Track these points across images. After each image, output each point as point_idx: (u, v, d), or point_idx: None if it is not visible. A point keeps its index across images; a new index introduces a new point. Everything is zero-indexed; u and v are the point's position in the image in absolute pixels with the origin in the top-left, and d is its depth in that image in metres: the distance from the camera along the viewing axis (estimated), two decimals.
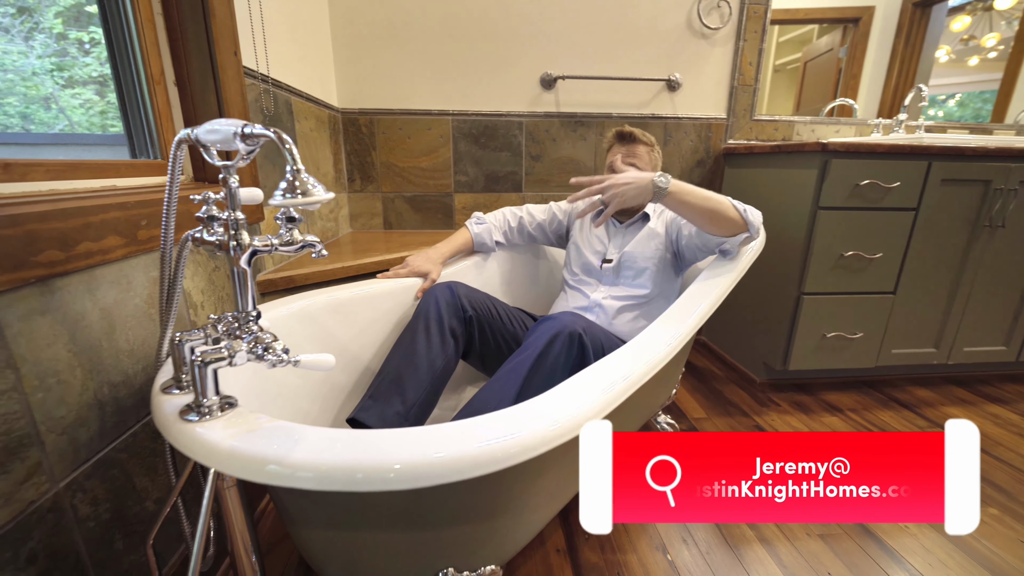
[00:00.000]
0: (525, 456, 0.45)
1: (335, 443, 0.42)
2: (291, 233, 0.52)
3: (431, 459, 0.41)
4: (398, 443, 0.43)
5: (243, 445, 0.40)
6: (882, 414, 1.39)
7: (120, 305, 0.61)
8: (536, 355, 0.79)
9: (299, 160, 0.43)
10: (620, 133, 1.13)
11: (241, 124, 0.44)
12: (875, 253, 1.36)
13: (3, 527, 0.46)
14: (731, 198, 0.99)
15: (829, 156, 1.27)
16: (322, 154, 1.39)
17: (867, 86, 1.90)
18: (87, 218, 0.54)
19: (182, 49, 0.83)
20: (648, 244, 1.12)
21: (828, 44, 1.97)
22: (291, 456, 0.39)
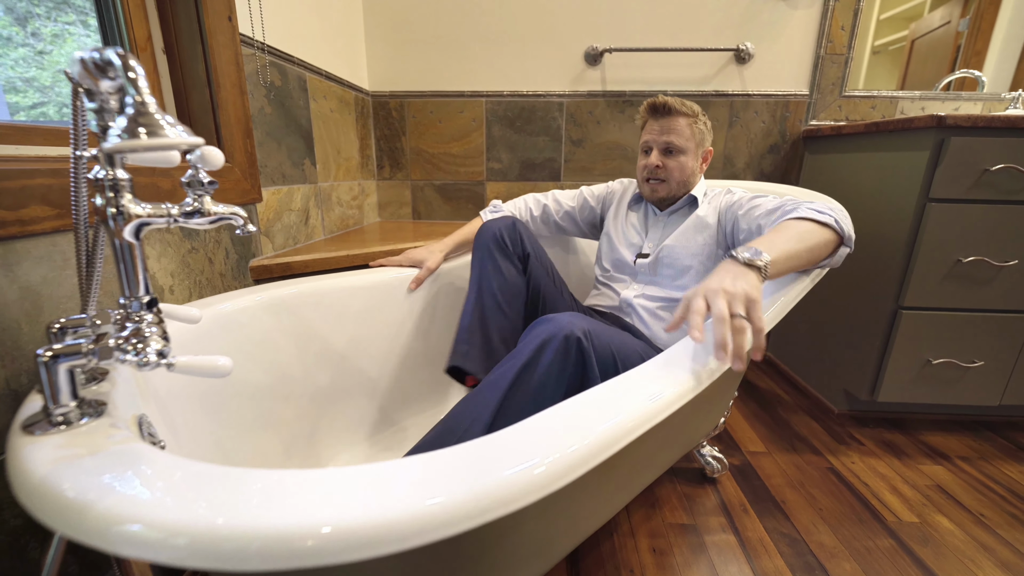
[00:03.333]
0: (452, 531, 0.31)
1: (196, 489, 0.30)
2: (201, 200, 0.41)
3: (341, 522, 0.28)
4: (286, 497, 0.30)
5: (60, 478, 0.30)
6: (1007, 467, 1.08)
7: (50, 284, 0.54)
8: (520, 365, 0.63)
9: (146, 91, 0.31)
10: (653, 105, 0.92)
11: (91, 49, 0.33)
12: (1008, 260, 1.05)
13: None
14: (812, 207, 0.73)
15: (946, 133, 0.99)
16: (345, 137, 1.33)
17: (995, 61, 1.53)
18: (1, 183, 0.47)
19: (170, 12, 0.77)
20: (694, 237, 0.93)
21: (944, 17, 1.62)
22: (116, 507, 0.28)
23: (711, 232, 0.92)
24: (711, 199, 0.96)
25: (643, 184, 0.98)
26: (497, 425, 0.59)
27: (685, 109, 0.91)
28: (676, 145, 0.91)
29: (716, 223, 0.92)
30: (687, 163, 0.93)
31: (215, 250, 0.81)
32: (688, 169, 0.93)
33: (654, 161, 0.93)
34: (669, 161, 0.93)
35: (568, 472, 0.37)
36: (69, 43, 0.94)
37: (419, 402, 1.00)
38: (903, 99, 1.43)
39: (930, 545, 0.85)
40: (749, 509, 0.93)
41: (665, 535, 0.86)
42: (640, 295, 0.95)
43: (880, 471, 1.06)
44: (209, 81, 0.80)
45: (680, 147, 0.91)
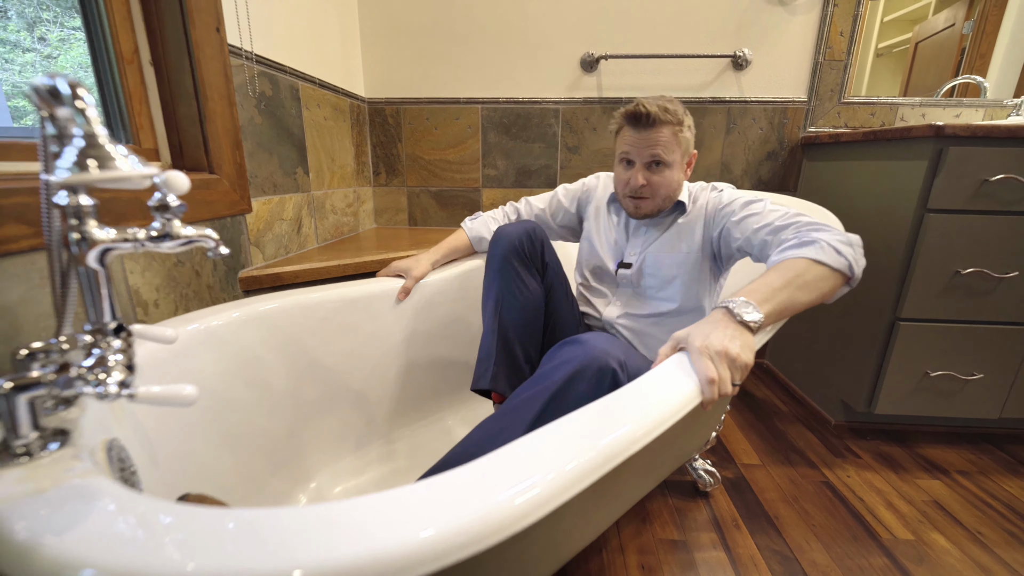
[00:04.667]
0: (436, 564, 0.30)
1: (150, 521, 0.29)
2: (169, 224, 0.41)
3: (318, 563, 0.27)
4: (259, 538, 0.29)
5: (7, 516, 0.29)
6: (1007, 482, 1.06)
7: (28, 303, 0.54)
8: (550, 395, 0.60)
9: (96, 122, 0.31)
10: (635, 115, 0.80)
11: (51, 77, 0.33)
12: (1008, 271, 1.03)
13: None
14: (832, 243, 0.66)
15: (945, 143, 0.98)
16: (340, 145, 1.32)
17: (999, 65, 1.50)
18: None
19: (157, 24, 0.77)
20: (679, 245, 0.88)
21: (948, 19, 1.59)
22: (52, 546, 0.27)
23: (696, 237, 0.87)
24: (696, 198, 0.90)
25: (624, 199, 0.89)
26: None
27: (670, 117, 0.81)
28: (662, 159, 0.82)
29: (702, 227, 0.87)
30: (674, 176, 0.85)
31: (202, 262, 0.81)
32: (675, 182, 0.86)
33: (639, 180, 0.83)
34: (654, 177, 0.84)
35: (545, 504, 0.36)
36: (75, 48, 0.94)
37: (408, 414, 1.00)
38: (903, 105, 1.42)
39: (925, 564, 0.84)
40: (741, 525, 0.92)
41: (655, 551, 0.85)
42: (623, 315, 0.92)
43: (876, 485, 1.04)
44: (197, 93, 0.80)
45: (667, 161, 0.82)
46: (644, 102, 0.81)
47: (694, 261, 0.87)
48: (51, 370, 0.36)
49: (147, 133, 0.79)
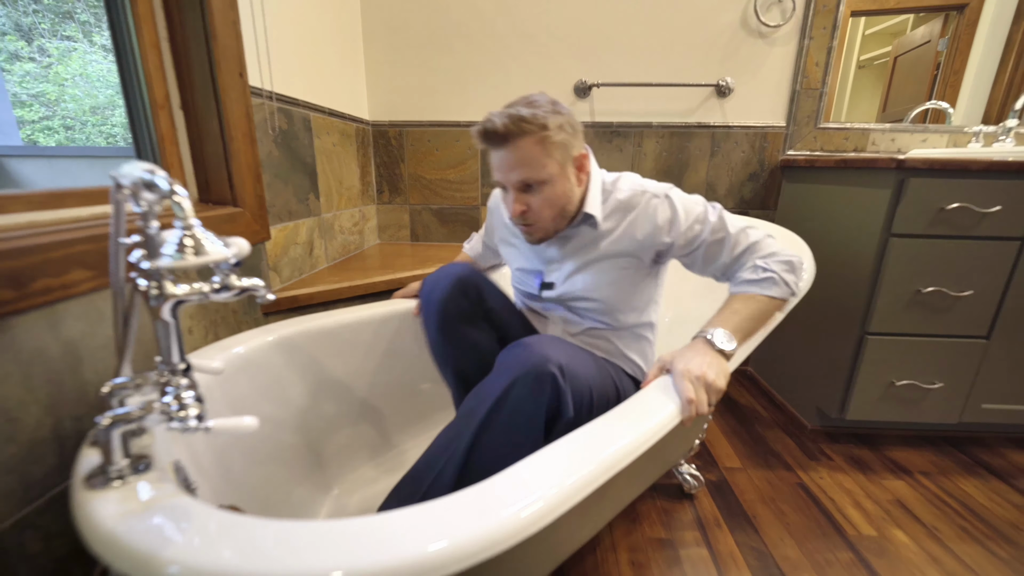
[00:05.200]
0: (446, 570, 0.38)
1: (224, 538, 0.37)
2: (227, 278, 0.48)
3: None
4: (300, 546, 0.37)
5: (122, 530, 0.36)
6: (964, 482, 1.16)
7: (88, 338, 0.61)
8: (492, 403, 0.61)
9: (191, 213, 0.38)
10: (485, 132, 0.69)
11: (145, 168, 0.40)
12: (964, 290, 1.13)
13: None
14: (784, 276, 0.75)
15: (906, 174, 1.07)
16: (347, 168, 1.39)
17: (971, 84, 1.59)
18: (45, 255, 0.54)
19: (186, 72, 0.83)
20: (608, 271, 0.80)
21: (925, 35, 1.68)
22: (163, 553, 0.35)
23: (626, 248, 0.78)
24: (616, 210, 0.78)
25: (516, 227, 0.80)
26: (471, 462, 0.61)
27: (527, 126, 0.67)
28: (533, 180, 0.70)
29: (635, 252, 0.78)
30: (556, 192, 0.73)
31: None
32: (560, 198, 0.74)
33: (516, 208, 0.72)
34: (532, 200, 0.73)
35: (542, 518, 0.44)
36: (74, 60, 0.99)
37: (415, 425, 1.07)
38: (874, 131, 1.52)
39: (885, 558, 0.93)
40: (722, 524, 1.01)
41: (644, 549, 0.94)
42: (564, 332, 0.88)
43: (846, 486, 1.14)
44: (222, 134, 0.86)
45: (539, 180, 0.70)
46: (493, 115, 0.68)
47: (624, 273, 0.80)
48: (139, 407, 0.43)
49: (176, 171, 0.86)
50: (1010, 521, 1.03)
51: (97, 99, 1.07)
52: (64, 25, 0.81)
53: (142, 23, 0.78)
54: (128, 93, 0.81)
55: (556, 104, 0.72)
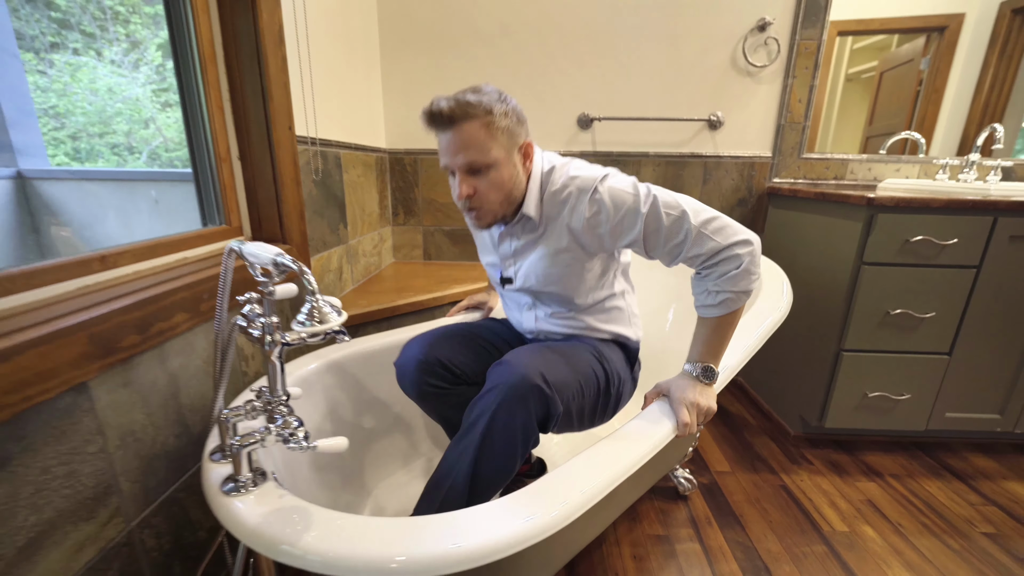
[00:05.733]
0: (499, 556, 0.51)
1: (341, 531, 0.49)
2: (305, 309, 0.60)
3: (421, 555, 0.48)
4: (394, 536, 0.49)
5: (264, 525, 0.49)
6: (929, 483, 1.30)
7: (184, 368, 0.73)
8: (485, 424, 0.67)
9: (317, 288, 0.50)
10: (431, 114, 0.72)
11: (276, 252, 0.52)
12: (927, 312, 1.27)
13: (91, 562, 0.57)
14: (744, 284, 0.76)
15: (875, 210, 1.21)
16: (368, 196, 1.51)
17: (951, 102, 1.71)
18: (159, 303, 0.66)
19: (245, 129, 0.95)
20: (553, 264, 0.82)
21: (908, 54, 1.79)
22: (301, 541, 0.47)
23: (573, 251, 0.81)
24: (551, 203, 0.80)
25: (464, 213, 0.81)
26: (478, 470, 0.69)
27: (473, 110, 0.70)
28: (479, 163, 0.72)
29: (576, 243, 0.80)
30: (502, 176, 0.74)
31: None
32: (506, 183, 0.75)
33: (463, 190, 0.74)
34: (479, 183, 0.74)
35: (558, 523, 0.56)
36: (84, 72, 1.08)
37: (440, 436, 1.19)
38: (852, 161, 1.66)
39: (854, 551, 1.06)
40: (713, 522, 1.14)
41: (644, 544, 1.07)
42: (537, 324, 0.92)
43: (823, 487, 1.27)
44: (275, 180, 0.98)
45: (485, 163, 0.72)
46: (440, 99, 0.71)
47: (572, 265, 0.82)
48: (261, 430, 0.55)
49: (234, 214, 0.98)
50: (965, 518, 1.17)
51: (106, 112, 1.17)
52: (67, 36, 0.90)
53: (210, 88, 0.89)
54: (194, 146, 0.93)
55: (502, 94, 0.74)
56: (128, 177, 1.71)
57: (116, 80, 1.02)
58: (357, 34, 1.39)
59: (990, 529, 1.13)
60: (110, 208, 1.31)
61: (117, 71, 1.02)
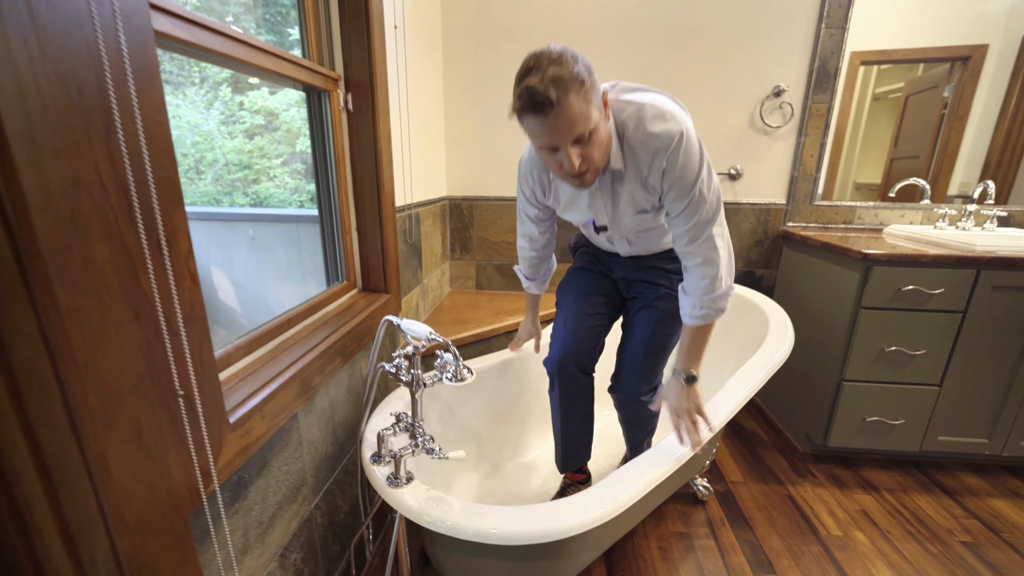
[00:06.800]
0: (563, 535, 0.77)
1: (473, 514, 0.76)
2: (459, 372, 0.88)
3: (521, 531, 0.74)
4: (508, 520, 0.76)
5: (425, 508, 0.76)
6: (919, 498, 1.50)
7: (337, 396, 1.02)
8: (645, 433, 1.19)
9: (461, 359, 0.78)
10: (532, 104, 0.70)
11: (428, 331, 0.80)
12: (918, 350, 1.47)
13: (294, 531, 0.86)
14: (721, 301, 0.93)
15: (871, 263, 1.42)
16: (435, 239, 1.80)
17: (974, 129, 1.80)
18: (329, 351, 0.95)
19: (362, 209, 1.25)
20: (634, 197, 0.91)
21: (933, 80, 1.84)
22: (448, 519, 0.75)
23: (652, 200, 0.89)
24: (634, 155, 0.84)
25: (566, 179, 0.83)
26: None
27: (569, 84, 0.69)
28: (585, 132, 0.74)
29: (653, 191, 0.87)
30: (601, 136, 0.77)
31: (381, 351, 1.29)
32: (604, 139, 0.79)
33: (574, 163, 0.76)
34: (587, 149, 0.76)
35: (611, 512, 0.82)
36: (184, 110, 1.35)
37: (507, 447, 1.47)
38: (860, 208, 1.85)
39: (845, 551, 1.28)
40: (726, 523, 1.37)
41: (668, 539, 1.31)
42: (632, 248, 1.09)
43: (824, 498, 1.49)
44: (382, 245, 1.27)
45: (589, 130, 0.74)
46: (534, 86, 0.69)
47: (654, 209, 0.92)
48: (412, 443, 0.83)
49: (352, 273, 1.27)
50: (947, 528, 1.37)
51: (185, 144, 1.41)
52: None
53: (341, 181, 1.19)
54: (324, 223, 1.23)
55: (573, 53, 0.71)
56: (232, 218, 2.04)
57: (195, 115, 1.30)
58: (432, 100, 1.68)
59: (968, 538, 1.33)
60: (212, 243, 1.63)
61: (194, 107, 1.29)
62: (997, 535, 1.35)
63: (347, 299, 1.21)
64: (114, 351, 0.46)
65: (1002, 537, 1.34)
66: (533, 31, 1.75)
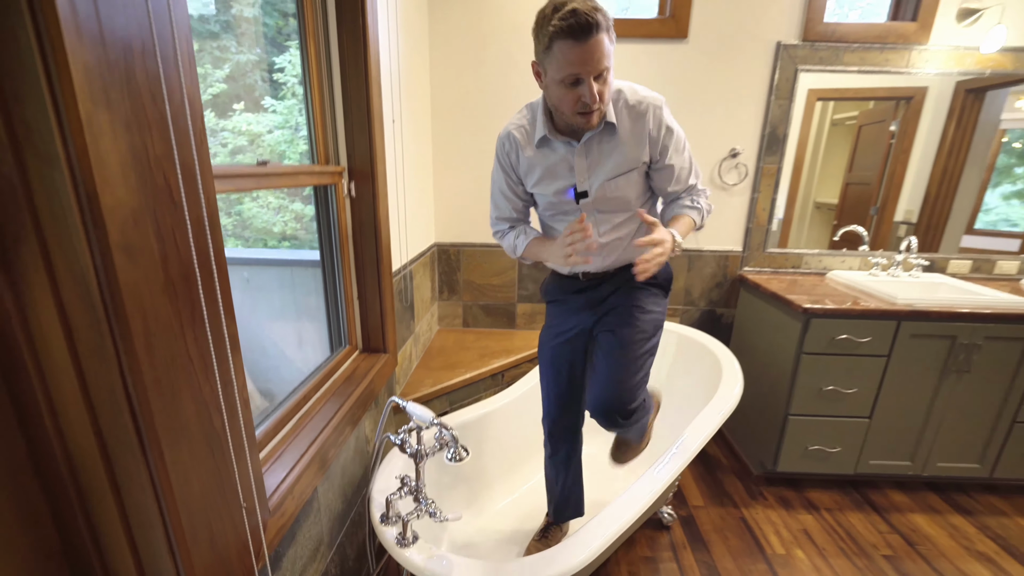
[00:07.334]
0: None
1: (470, 567, 0.92)
2: (455, 453, 1.04)
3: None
4: (497, 569, 0.92)
5: (428, 566, 0.92)
6: (852, 515, 1.73)
7: (346, 459, 1.16)
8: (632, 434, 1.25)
9: (460, 443, 0.93)
10: (575, 26, 0.77)
11: (432, 416, 0.95)
12: (851, 388, 1.69)
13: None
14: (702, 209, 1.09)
15: (810, 315, 1.63)
16: (425, 287, 1.94)
17: (917, 162, 2.01)
18: (338, 422, 1.09)
19: (363, 280, 1.38)
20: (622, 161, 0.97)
21: (881, 114, 2.05)
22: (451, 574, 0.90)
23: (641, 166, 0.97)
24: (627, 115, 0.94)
25: (575, 117, 0.89)
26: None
27: (604, 20, 0.78)
28: (607, 68, 0.83)
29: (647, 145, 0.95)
30: (611, 77, 0.86)
31: (382, 400, 1.43)
32: (612, 82, 0.88)
33: (595, 95, 0.83)
34: (602, 88, 0.84)
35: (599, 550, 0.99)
36: None
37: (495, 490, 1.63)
38: (807, 255, 2.08)
39: (787, 568, 1.49)
40: (687, 546, 1.57)
41: (636, 564, 1.50)
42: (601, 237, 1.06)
43: (772, 519, 1.70)
44: (380, 311, 1.41)
45: (608, 67, 0.83)
46: (579, 8, 0.76)
47: (639, 173, 0.98)
48: (417, 506, 0.98)
49: (353, 336, 1.41)
50: (872, 543, 1.60)
51: None
52: None
53: (345, 258, 1.32)
54: (328, 293, 1.36)
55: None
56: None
57: None
58: (423, 157, 1.82)
59: (889, 552, 1.56)
60: None
61: None
62: (913, 548, 1.58)
63: (351, 363, 1.35)
64: (197, 482, 0.60)
65: (917, 550, 1.57)
66: (517, 96, 1.90)
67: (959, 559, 1.53)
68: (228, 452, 0.66)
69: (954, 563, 1.52)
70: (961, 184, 2.10)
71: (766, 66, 1.85)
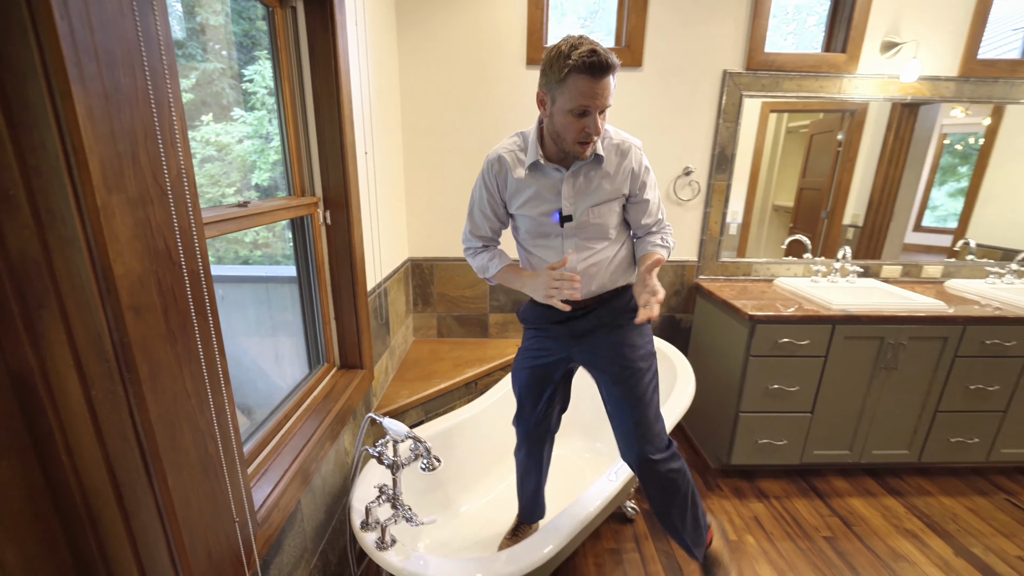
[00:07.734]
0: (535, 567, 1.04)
1: (445, 566, 1.02)
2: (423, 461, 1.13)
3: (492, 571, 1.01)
4: (472, 566, 1.02)
5: (406, 567, 1.01)
6: (798, 502, 1.90)
7: (326, 470, 1.24)
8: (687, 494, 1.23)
9: (433, 455, 1.03)
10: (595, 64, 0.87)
11: (406, 430, 1.05)
12: (793, 386, 1.86)
13: None
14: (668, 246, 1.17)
15: (755, 322, 1.79)
16: (400, 300, 2.03)
17: (861, 170, 2.21)
18: (320, 436, 1.17)
19: (339, 302, 1.46)
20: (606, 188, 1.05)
21: (829, 125, 2.24)
22: (427, 574, 1.00)
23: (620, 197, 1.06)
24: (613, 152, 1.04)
25: (575, 146, 0.98)
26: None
27: (616, 64, 0.90)
28: (608, 106, 0.94)
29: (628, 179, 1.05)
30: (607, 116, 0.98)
31: (360, 414, 1.51)
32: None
33: (599, 127, 0.94)
34: (602, 123, 0.95)
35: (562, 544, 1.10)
36: None
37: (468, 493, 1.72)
38: (755, 263, 2.25)
39: (737, 552, 1.64)
40: (648, 538, 1.70)
41: (602, 555, 1.62)
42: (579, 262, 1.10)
43: (726, 508, 1.85)
44: (357, 330, 1.49)
45: (610, 106, 0.94)
46: (598, 49, 0.87)
47: (618, 204, 1.07)
48: (394, 512, 1.07)
49: (331, 354, 1.49)
50: (814, 526, 1.77)
51: None
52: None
53: (322, 282, 1.40)
54: (306, 314, 1.43)
55: None
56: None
57: None
58: (397, 180, 1.90)
59: (829, 534, 1.73)
60: None
61: None
62: (850, 528, 1.75)
63: (329, 380, 1.43)
64: (196, 502, 0.68)
65: (853, 531, 1.75)
66: (483, 116, 2.00)
67: (889, 537, 1.71)
68: (222, 474, 0.74)
69: (885, 541, 1.70)
70: (901, 188, 2.30)
71: (714, 92, 2.01)
